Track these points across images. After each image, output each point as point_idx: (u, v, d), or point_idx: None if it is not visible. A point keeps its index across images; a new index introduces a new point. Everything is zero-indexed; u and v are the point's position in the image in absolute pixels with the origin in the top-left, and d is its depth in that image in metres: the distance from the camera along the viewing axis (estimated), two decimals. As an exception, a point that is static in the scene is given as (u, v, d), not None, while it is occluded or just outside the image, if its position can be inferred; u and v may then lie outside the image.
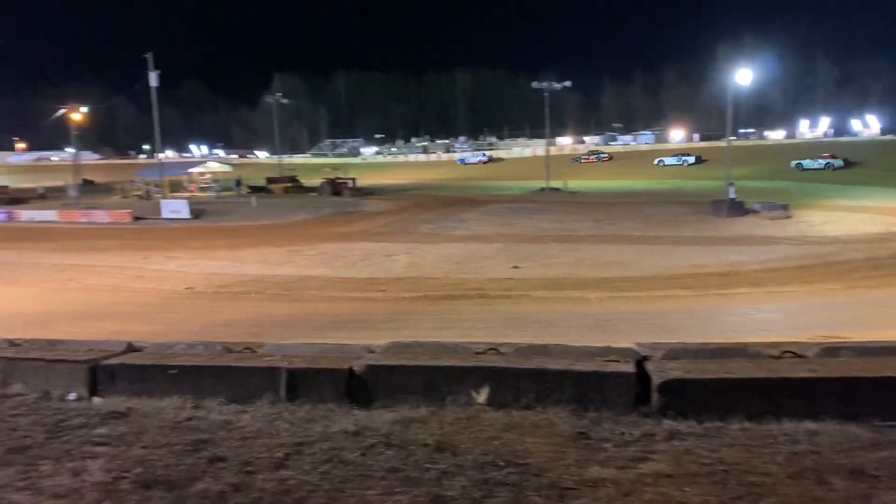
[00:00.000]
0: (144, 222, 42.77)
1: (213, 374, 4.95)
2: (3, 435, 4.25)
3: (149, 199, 51.33)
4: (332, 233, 34.25)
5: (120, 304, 19.72)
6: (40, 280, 24.93)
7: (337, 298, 19.41)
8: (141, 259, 28.34)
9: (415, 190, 59.79)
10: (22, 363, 5.39)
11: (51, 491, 3.48)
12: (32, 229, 43.69)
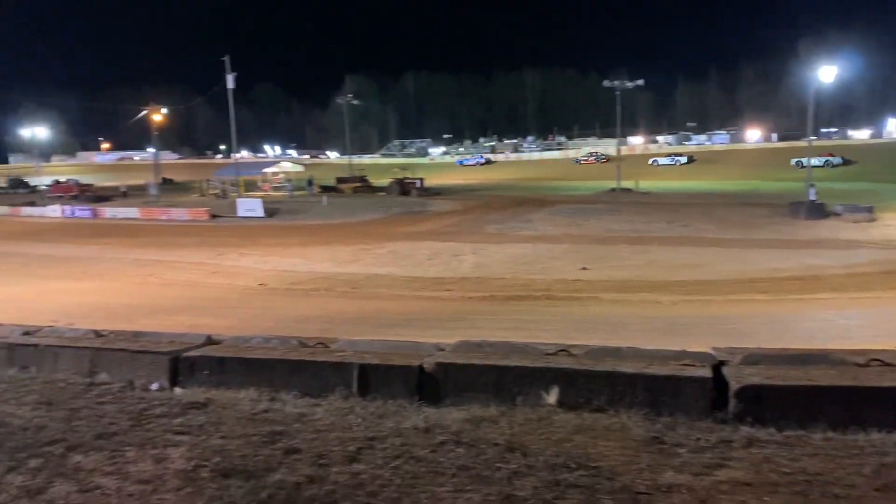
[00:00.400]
0: (221, 220, 44.08)
1: (287, 367, 5.07)
2: (91, 421, 4.45)
3: (225, 197, 52.87)
4: (399, 232, 34.55)
5: (196, 298, 20.36)
6: (122, 274, 25.99)
7: (404, 297, 19.56)
8: (217, 256, 29.21)
9: (482, 190, 59.72)
10: (108, 353, 5.64)
11: (136, 476, 3.63)
12: (115, 226, 45.64)
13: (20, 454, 3.95)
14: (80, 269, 27.77)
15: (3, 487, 3.56)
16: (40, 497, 3.45)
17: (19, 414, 4.60)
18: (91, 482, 3.58)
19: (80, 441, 4.12)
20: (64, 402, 4.80)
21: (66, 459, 3.88)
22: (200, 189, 60.65)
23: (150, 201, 54.41)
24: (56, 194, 62.70)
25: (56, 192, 63.57)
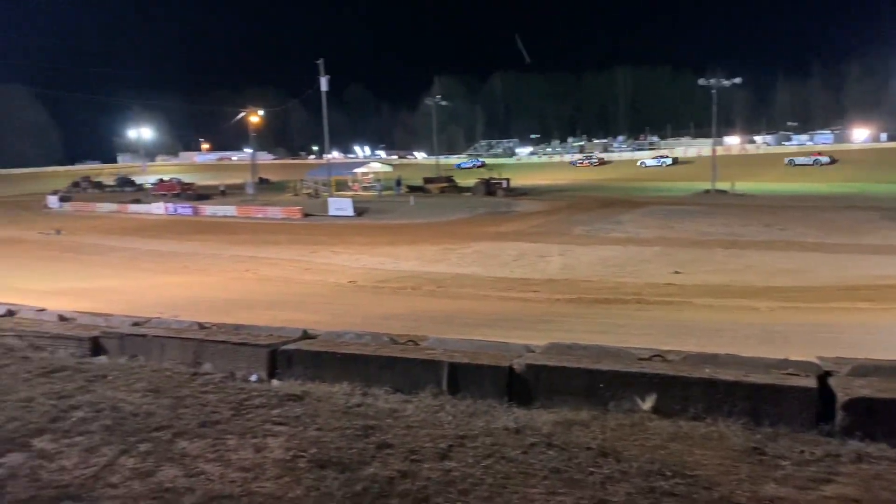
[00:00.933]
0: (313, 219, 45.32)
1: (379, 363, 5.16)
2: (196, 410, 4.66)
3: (317, 197, 54.30)
4: (485, 232, 34.59)
5: (290, 294, 21.03)
6: (221, 269, 27.13)
7: (489, 297, 19.57)
8: (309, 253, 30.06)
9: (570, 191, 58.99)
10: (211, 345, 5.89)
11: (237, 464, 3.78)
12: (214, 223, 47.65)
13: (131, 438, 4.19)
14: (181, 263, 29.17)
15: (117, 469, 3.78)
16: (150, 480, 3.64)
17: (130, 400, 4.87)
18: (196, 468, 3.75)
19: (185, 428, 4.33)
20: (170, 391, 5.05)
21: (173, 445, 4.08)
22: (294, 188, 62.47)
23: (247, 200, 56.51)
24: (160, 192, 66.00)
25: (160, 191, 66.91)
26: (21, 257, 32.57)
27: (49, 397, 4.95)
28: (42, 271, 26.67)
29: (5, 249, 36.11)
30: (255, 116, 70.04)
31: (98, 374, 5.50)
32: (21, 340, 6.65)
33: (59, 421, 4.51)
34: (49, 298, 14.76)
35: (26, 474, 3.76)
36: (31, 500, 3.44)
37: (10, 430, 4.37)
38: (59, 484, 3.61)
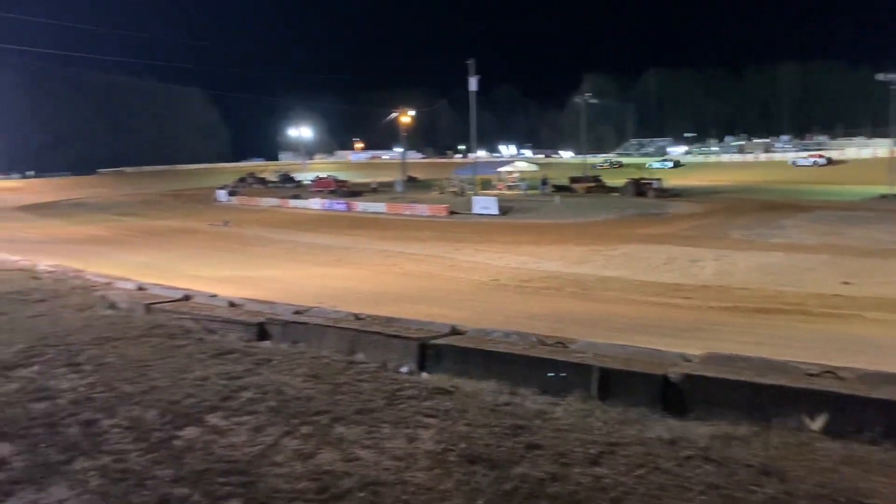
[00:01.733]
0: (458, 217, 45.99)
1: (527, 363, 5.14)
2: (352, 397, 4.86)
3: (462, 195, 55.04)
4: (633, 234, 33.56)
5: (434, 289, 21.43)
6: (370, 263, 28.15)
7: (637, 301, 18.95)
8: (453, 250, 30.50)
9: (728, 193, 55.99)
10: (365, 335, 6.13)
11: (391, 452, 3.90)
12: (365, 219, 49.55)
13: (294, 420, 4.44)
14: (335, 256, 30.58)
15: (281, 449, 4.02)
16: (310, 461, 3.84)
17: (292, 384, 5.17)
18: (353, 453, 3.92)
19: (342, 414, 4.53)
20: (329, 377, 5.31)
21: (331, 429, 4.28)
22: (440, 187, 63.70)
23: (396, 197, 58.30)
24: (317, 189, 69.51)
25: (317, 187, 70.47)
26: (193, 246, 35.49)
27: (221, 377, 5.36)
28: (211, 260, 28.89)
29: (180, 239, 39.50)
30: (406, 117, 72.07)
31: (264, 358, 5.88)
32: (196, 323, 7.24)
33: (229, 400, 4.87)
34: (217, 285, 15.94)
35: (201, 447, 4.09)
36: (205, 471, 3.73)
37: (187, 406, 4.77)
38: (230, 459, 3.90)
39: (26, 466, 3.86)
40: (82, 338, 6.69)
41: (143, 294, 9.00)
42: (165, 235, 41.64)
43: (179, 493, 3.49)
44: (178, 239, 39.41)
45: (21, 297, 8.80)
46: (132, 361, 5.88)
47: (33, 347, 6.37)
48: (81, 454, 4.01)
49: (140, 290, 9.45)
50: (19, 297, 8.80)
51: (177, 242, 37.51)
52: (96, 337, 6.71)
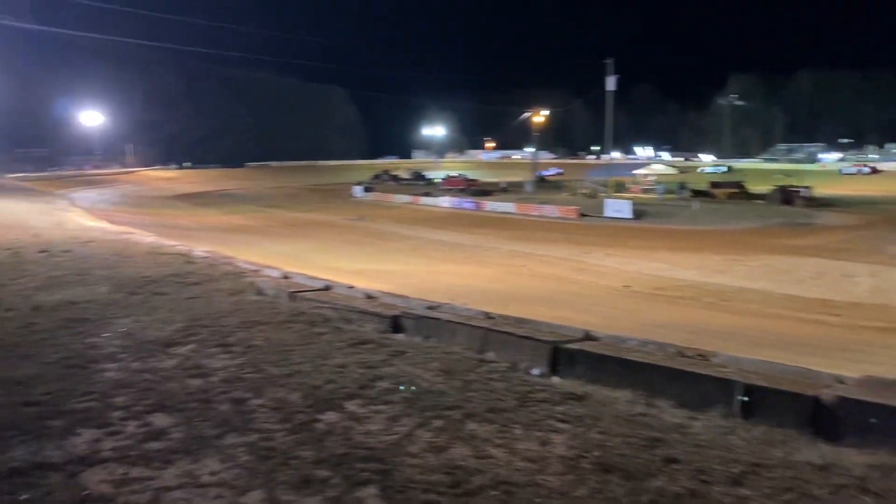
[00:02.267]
0: (589, 219, 45.22)
1: (664, 374, 4.98)
2: (483, 395, 4.90)
3: (595, 197, 54.08)
4: (778, 245, 31.66)
5: (562, 292, 21.18)
6: (497, 262, 28.24)
7: (780, 316, 17.88)
8: (583, 253, 30.04)
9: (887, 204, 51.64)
10: (496, 335, 6.15)
11: (523, 454, 3.90)
12: (493, 218, 49.74)
13: (427, 413, 4.53)
14: (463, 254, 30.94)
15: (415, 440, 4.12)
16: (443, 455, 3.91)
17: (425, 377, 5.28)
18: (485, 451, 3.95)
19: (474, 411, 4.58)
20: (460, 374, 5.37)
21: (463, 425, 4.34)
22: (572, 188, 62.89)
23: (526, 197, 58.14)
24: (447, 187, 70.58)
25: (447, 185, 71.55)
26: (329, 239, 37.05)
27: (358, 366, 5.55)
28: (345, 252, 30.04)
29: (318, 231, 41.34)
30: (540, 116, 71.65)
31: (398, 350, 6.04)
32: (335, 312, 7.54)
33: (366, 388, 5.04)
34: (351, 277, 16.51)
35: (340, 432, 4.26)
36: (345, 456, 3.89)
37: (328, 391, 4.98)
38: (367, 446, 4.04)
39: (183, 438, 4.17)
40: (232, 320, 7.14)
41: (288, 282, 9.49)
42: (304, 227, 43.73)
43: (321, 475, 3.65)
44: (316, 231, 41.28)
45: (179, 280, 9.52)
46: (277, 345, 6.21)
47: (189, 327, 6.87)
48: (232, 430, 4.28)
49: (285, 279, 9.96)
50: (177, 280, 9.52)
51: (315, 234, 39.30)
52: (245, 320, 7.14)
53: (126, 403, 4.72)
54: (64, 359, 5.72)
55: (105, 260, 11.38)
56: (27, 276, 9.62)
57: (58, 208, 28.85)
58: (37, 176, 69.37)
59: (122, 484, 3.58)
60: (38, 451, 3.93)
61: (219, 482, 3.60)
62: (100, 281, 9.34)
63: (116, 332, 6.65)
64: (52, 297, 8.14)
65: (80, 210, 33.97)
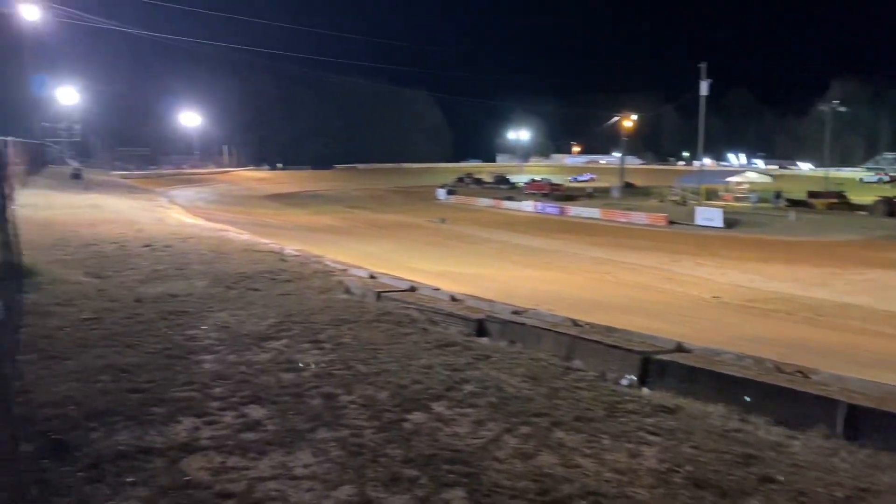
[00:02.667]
0: (677, 227, 44.03)
1: (760, 390, 4.80)
2: (570, 403, 4.84)
3: (684, 204, 52.64)
4: (884, 259, 29.93)
5: (648, 301, 20.68)
6: (581, 269, 27.87)
7: (885, 334, 16.91)
8: (671, 262, 29.28)
9: None
10: (583, 343, 6.07)
11: (612, 465, 3.83)
12: (578, 224, 49.12)
13: (514, 419, 4.52)
14: (545, 259, 30.69)
15: (501, 445, 4.11)
16: (530, 462, 3.89)
17: (511, 383, 5.26)
18: (573, 460, 3.90)
19: (561, 419, 4.53)
20: (546, 381, 5.33)
21: (550, 433, 4.30)
22: (660, 195, 61.42)
23: (612, 203, 57.15)
24: (531, 191, 70.18)
25: (531, 190, 71.14)
26: (412, 240, 37.48)
27: (444, 368, 5.59)
28: (428, 254, 30.29)
29: (402, 232, 41.90)
30: (628, 121, 70.29)
31: (483, 354, 6.04)
32: (421, 314, 7.62)
33: (452, 391, 5.07)
34: (433, 278, 16.64)
35: (427, 433, 4.30)
36: (432, 457, 3.92)
37: (415, 392, 5.04)
38: (454, 448, 4.06)
39: (277, 430, 4.31)
40: (322, 318, 7.32)
41: (375, 282, 9.66)
42: (389, 228, 44.41)
43: (409, 474, 3.70)
44: (399, 232, 41.84)
45: (272, 277, 9.83)
46: (365, 344, 6.33)
47: (282, 322, 7.09)
48: (323, 425, 4.39)
49: (372, 279, 10.15)
50: (270, 277, 9.84)
51: (398, 235, 39.84)
52: (334, 318, 7.31)
53: (223, 394, 4.91)
54: (165, 349, 6.01)
55: (203, 256, 11.87)
56: (132, 269, 10.14)
57: (158, 205, 30.32)
58: (139, 174, 73.15)
59: (219, 472, 3.72)
60: (143, 437, 4.14)
61: (311, 475, 3.70)
62: (198, 275, 9.76)
63: (214, 325, 6.93)
64: (155, 290, 8.56)
65: (179, 207, 35.61)
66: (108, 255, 11.55)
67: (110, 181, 46.57)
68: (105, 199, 27.17)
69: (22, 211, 9.30)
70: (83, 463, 3.74)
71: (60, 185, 33.61)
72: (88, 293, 8.17)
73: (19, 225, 10.64)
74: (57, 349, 5.82)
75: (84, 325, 6.69)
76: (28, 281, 8.08)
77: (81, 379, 5.07)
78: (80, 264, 10.36)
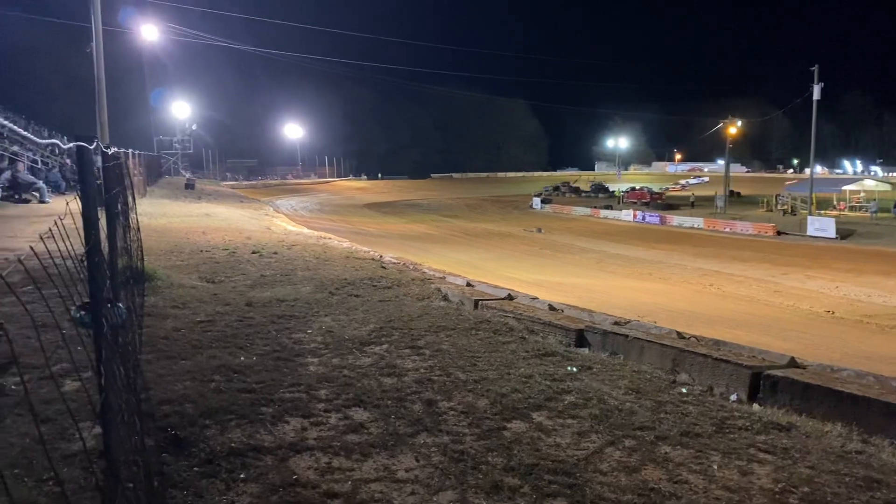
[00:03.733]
0: (786, 237, 42.05)
1: (885, 410, 4.50)
2: (676, 418, 4.70)
3: (794, 214, 50.21)
4: None
5: (754, 315, 19.82)
6: (683, 280, 27.02)
7: None
8: (780, 274, 27.97)
9: None
10: (689, 356, 5.88)
11: (722, 482, 3.69)
12: (680, 233, 47.69)
13: (617, 432, 4.43)
14: (645, 270, 29.95)
15: (605, 458, 4.03)
16: (635, 475, 3.79)
17: (613, 395, 5.15)
18: (679, 475, 3.78)
19: (666, 433, 4.40)
20: (651, 394, 5.19)
21: (656, 448, 4.18)
22: (768, 204, 58.83)
23: (716, 213, 55.15)
24: (630, 200, 68.74)
25: (630, 198, 69.68)
26: (507, 249, 37.43)
27: (544, 377, 5.55)
28: (522, 263, 30.17)
29: (496, 241, 41.93)
30: (734, 127, 67.72)
31: (584, 365, 5.95)
32: (518, 322, 7.59)
33: (553, 401, 5.01)
34: (528, 287, 16.54)
35: (528, 442, 4.27)
36: (534, 466, 3.89)
37: (515, 400, 5.02)
38: (556, 458, 4.01)
39: (380, 433, 4.39)
40: (421, 324, 7.42)
41: (472, 290, 9.69)
42: (483, 237, 44.54)
43: (510, 483, 3.68)
44: (494, 241, 41.89)
45: (372, 284, 10.05)
46: (463, 351, 6.36)
47: (382, 328, 7.23)
48: (424, 430, 4.44)
49: (468, 286, 10.19)
50: (371, 283, 10.06)
51: (493, 244, 39.90)
52: (432, 325, 7.39)
53: (328, 396, 5.05)
54: (273, 351, 6.24)
55: (307, 262, 12.27)
56: (242, 275, 10.61)
57: (265, 214, 31.59)
58: (247, 184, 76.49)
59: (325, 472, 3.83)
60: (253, 435, 4.31)
61: (413, 479, 3.75)
62: (303, 281, 10.09)
63: (318, 329, 7.15)
64: (263, 294, 8.92)
65: (284, 216, 36.99)
66: (220, 261, 12.12)
67: (220, 191, 48.94)
68: (216, 208, 28.57)
69: (141, 219, 9.92)
70: (198, 458, 3.93)
71: (175, 194, 35.61)
72: (202, 297, 8.60)
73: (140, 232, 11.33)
74: (174, 350, 6.15)
75: (198, 327, 7.04)
76: (148, 285, 8.59)
77: (196, 378, 5.34)
78: (194, 269, 10.92)
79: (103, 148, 4.97)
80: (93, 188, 2.99)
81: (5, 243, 10.94)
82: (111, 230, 4.46)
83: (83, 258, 2.69)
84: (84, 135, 2.98)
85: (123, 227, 5.60)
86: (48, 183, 21.44)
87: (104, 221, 4.05)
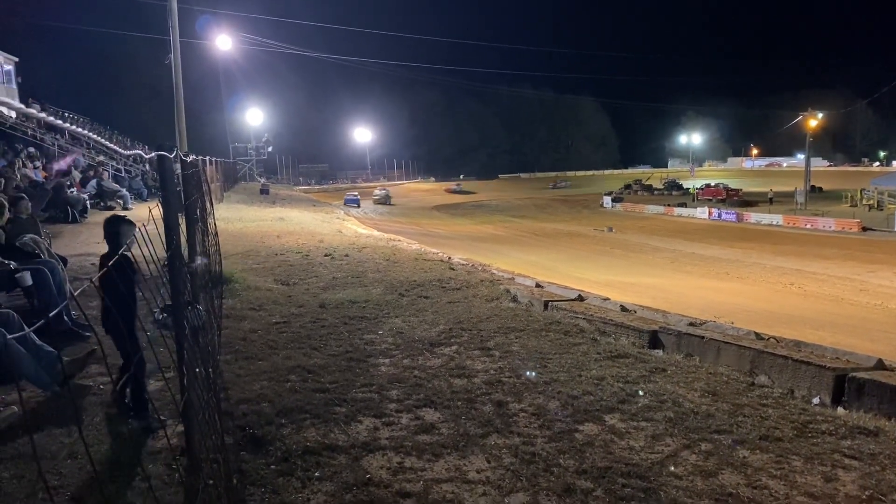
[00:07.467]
0: (873, 233, 40.16)
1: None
2: (755, 421, 4.55)
3: (881, 209, 47.87)
4: None
5: (839, 315, 19.01)
6: (762, 279, 26.12)
7: None
8: (865, 272, 26.74)
9: None
10: (768, 357, 5.68)
11: (804, 488, 3.56)
12: (758, 231, 46.14)
13: (693, 435, 4.32)
14: (722, 269, 29.09)
15: (680, 461, 3.94)
16: (712, 480, 3.69)
17: (689, 398, 5.03)
18: (759, 480, 3.66)
19: (744, 437, 4.27)
20: (728, 396, 5.04)
21: (734, 451, 4.07)
22: (851, 198, 56.26)
23: (796, 209, 53.11)
24: (706, 197, 66.90)
25: (705, 195, 67.81)
26: (577, 249, 36.97)
27: (616, 380, 5.46)
28: (593, 263, 29.73)
29: (566, 241, 41.48)
30: (814, 120, 65.03)
31: (657, 367, 5.83)
32: (589, 324, 7.49)
33: (626, 403, 4.93)
34: (599, 288, 16.30)
35: (600, 445, 4.22)
36: (607, 469, 3.84)
37: (586, 403, 4.96)
38: (629, 462, 3.95)
39: (450, 434, 4.41)
40: (490, 325, 7.42)
41: (541, 291, 9.62)
42: (552, 237, 44.14)
43: (583, 485, 3.64)
44: (563, 241, 41.46)
45: (441, 285, 10.10)
46: (533, 352, 6.33)
47: (451, 329, 7.26)
48: (495, 431, 4.44)
49: (538, 287, 10.12)
50: (440, 285, 10.11)
51: (562, 244, 39.49)
52: (502, 326, 7.38)
53: (399, 397, 5.11)
54: (346, 352, 6.35)
55: (377, 264, 12.43)
56: (315, 277, 10.83)
57: (336, 217, 32.19)
58: (318, 188, 78.09)
59: (397, 472, 3.88)
60: (327, 434, 4.40)
61: (484, 480, 3.75)
62: (374, 283, 10.24)
63: (389, 330, 7.24)
64: (336, 296, 9.09)
65: (354, 219, 37.57)
66: (293, 263, 12.41)
67: (293, 195, 50.09)
68: (289, 212, 29.27)
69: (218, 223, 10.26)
70: (275, 456, 4.03)
71: (250, 199, 36.67)
72: (277, 299, 8.83)
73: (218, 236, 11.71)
74: (251, 350, 6.34)
75: (274, 328, 7.24)
76: (226, 287, 8.87)
77: (273, 378, 5.48)
78: (270, 272, 11.21)
79: (182, 156, 5.18)
80: (173, 195, 3.12)
81: (92, 248, 11.49)
82: (191, 235, 4.63)
83: (165, 262, 2.81)
84: (164, 144, 3.11)
85: (202, 232, 5.80)
86: (131, 190, 22.39)
87: (184, 226, 4.21)
